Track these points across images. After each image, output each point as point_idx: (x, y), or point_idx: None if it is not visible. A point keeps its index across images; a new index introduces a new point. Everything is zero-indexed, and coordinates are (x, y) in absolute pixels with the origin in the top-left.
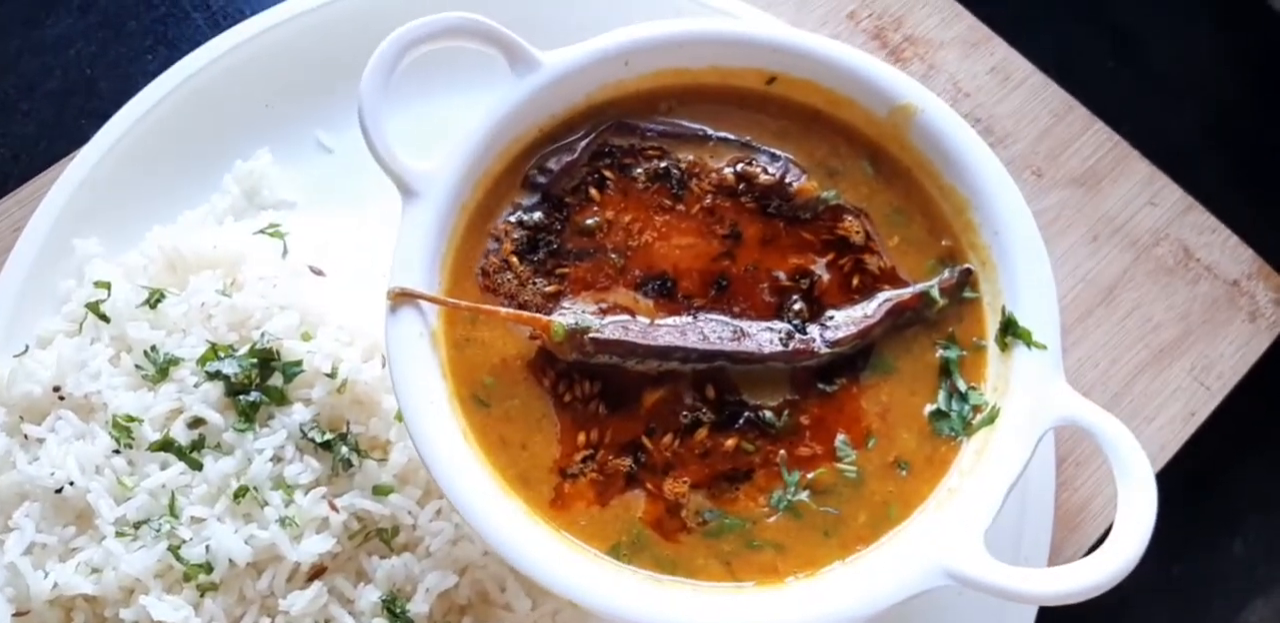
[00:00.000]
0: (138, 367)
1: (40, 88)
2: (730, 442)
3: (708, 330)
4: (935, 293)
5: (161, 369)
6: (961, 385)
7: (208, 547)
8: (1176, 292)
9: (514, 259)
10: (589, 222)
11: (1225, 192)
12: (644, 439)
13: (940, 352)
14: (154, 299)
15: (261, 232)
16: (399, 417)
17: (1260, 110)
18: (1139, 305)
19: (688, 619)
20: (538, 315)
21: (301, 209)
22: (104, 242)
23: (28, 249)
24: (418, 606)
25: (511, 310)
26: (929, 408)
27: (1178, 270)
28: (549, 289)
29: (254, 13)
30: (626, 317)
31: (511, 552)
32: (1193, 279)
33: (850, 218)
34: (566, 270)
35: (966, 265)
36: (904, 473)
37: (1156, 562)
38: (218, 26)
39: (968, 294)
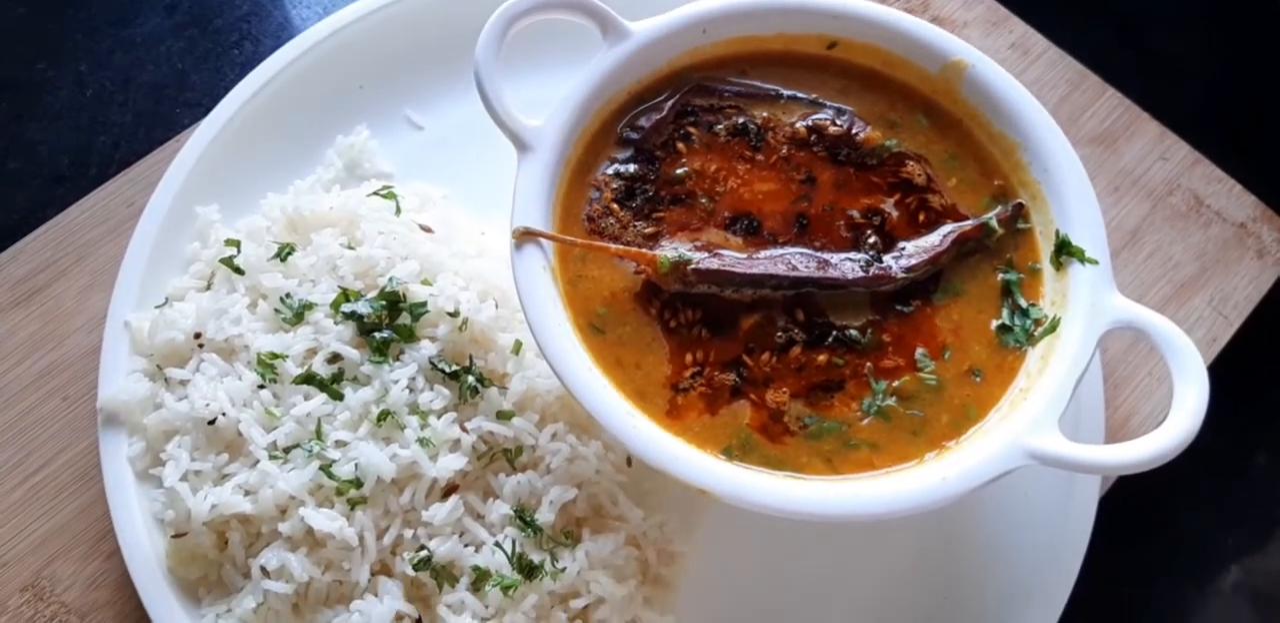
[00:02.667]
0: (275, 311)
1: (135, 81)
2: (822, 357)
3: (795, 261)
4: (994, 223)
5: (297, 314)
6: (1022, 303)
7: (356, 465)
8: (1191, 234)
9: (615, 206)
10: (678, 171)
11: (1227, 150)
12: (744, 357)
13: (1001, 276)
14: (284, 252)
15: (375, 193)
16: (515, 350)
17: (1254, 80)
18: (1159, 247)
19: (800, 502)
20: (644, 250)
21: (398, 180)
22: (221, 210)
23: (153, 217)
24: (544, 516)
25: (621, 246)
26: (995, 323)
27: (1191, 216)
28: (648, 231)
29: (331, 6)
30: (721, 252)
31: (646, 451)
32: (1205, 223)
33: (911, 163)
34: (662, 214)
35: (1019, 200)
36: (978, 379)
37: (1189, 474)
38: (298, 22)
39: (1021, 226)
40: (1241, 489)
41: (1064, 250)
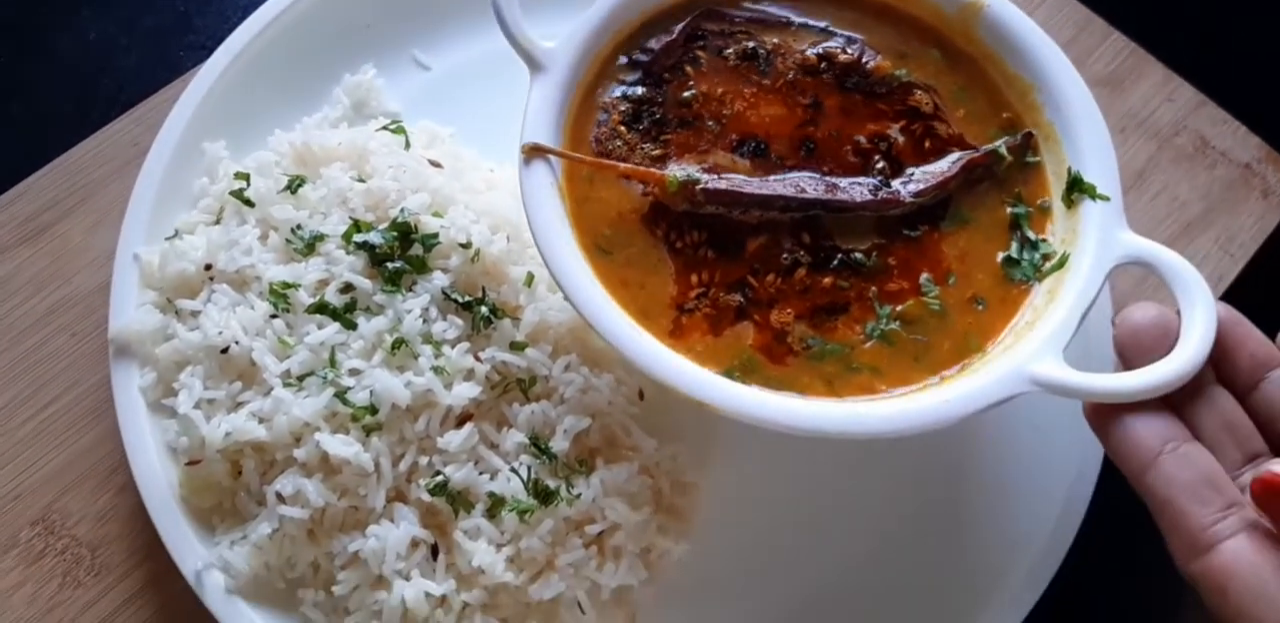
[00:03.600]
0: (287, 241)
1: (138, 25)
2: (827, 280)
3: (804, 184)
4: (1003, 150)
5: (309, 244)
6: (1031, 236)
7: (371, 392)
8: (1197, 175)
9: (622, 128)
10: (686, 94)
11: (1231, 92)
12: (749, 278)
13: (1010, 209)
14: (294, 185)
15: (384, 128)
16: (527, 283)
17: (1258, 21)
18: (1166, 187)
19: (800, 418)
20: (652, 170)
21: (404, 119)
22: (229, 147)
23: (161, 153)
24: (558, 444)
25: (630, 165)
26: (1001, 255)
27: (1197, 157)
28: (655, 153)
29: None
30: (728, 174)
31: (649, 364)
32: (1210, 164)
33: (920, 92)
34: (669, 137)
35: (1028, 130)
36: (981, 308)
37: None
38: None
39: (1030, 159)
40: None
41: (1076, 187)
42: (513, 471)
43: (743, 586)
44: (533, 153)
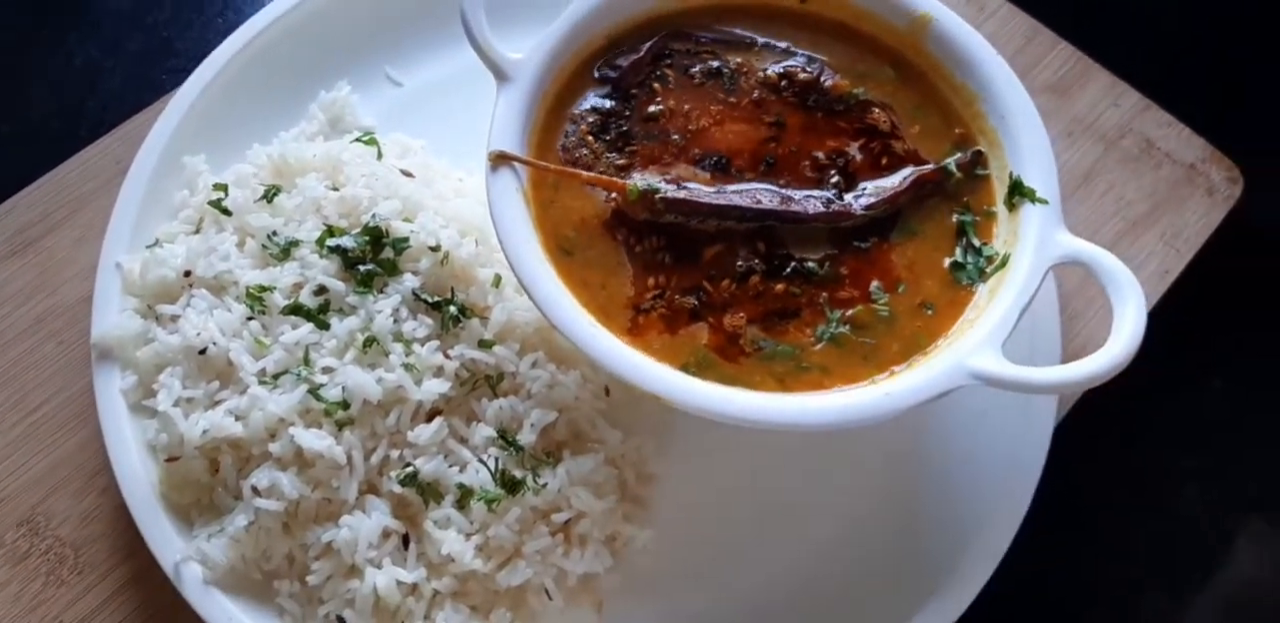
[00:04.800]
0: (263, 247)
1: (122, 50)
2: (780, 286)
3: (760, 195)
4: (953, 167)
5: (284, 250)
6: (976, 242)
7: (344, 388)
8: (1144, 175)
9: (589, 138)
10: (652, 109)
11: (1176, 96)
12: (705, 283)
13: (957, 217)
14: (270, 194)
15: (357, 139)
16: (495, 284)
17: (1200, 30)
18: (1112, 187)
19: (749, 410)
20: (614, 178)
21: (377, 133)
22: (208, 161)
23: (143, 167)
24: (525, 437)
25: (592, 174)
26: (948, 261)
27: (1143, 158)
28: (620, 163)
29: None
30: (689, 185)
31: (605, 358)
32: (1156, 164)
33: (877, 110)
34: (634, 148)
35: (978, 148)
36: (930, 312)
37: (1147, 400)
38: None
39: (979, 172)
40: (1197, 414)
41: (1016, 191)
42: (481, 461)
43: (706, 571)
44: (498, 160)
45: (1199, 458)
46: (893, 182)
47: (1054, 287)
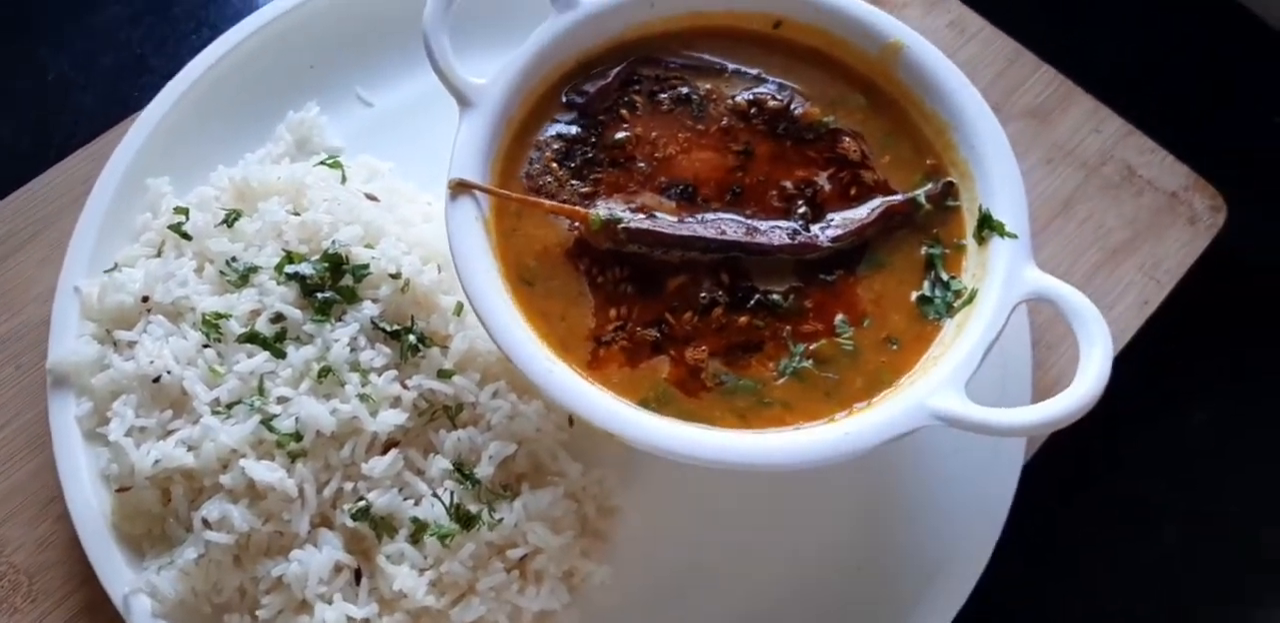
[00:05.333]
0: (221, 273)
1: (95, 65)
2: (743, 319)
3: (725, 226)
4: (922, 198)
5: (242, 276)
6: (944, 276)
7: (297, 419)
8: (1124, 203)
9: (554, 165)
10: (619, 136)
11: (1159, 123)
12: (667, 315)
13: (925, 249)
14: (231, 218)
15: (321, 163)
16: (457, 312)
17: (1183, 56)
18: (1092, 215)
19: (705, 449)
20: (577, 208)
21: (347, 154)
22: (172, 182)
23: (105, 189)
24: (483, 470)
25: (555, 203)
26: (915, 295)
27: (1124, 185)
28: (584, 190)
29: None
30: (654, 214)
31: (560, 394)
32: (1137, 192)
33: (848, 139)
34: (599, 176)
35: (949, 179)
36: (895, 347)
37: (1126, 432)
38: (255, 9)
39: (950, 203)
40: (1178, 448)
41: (985, 224)
42: (435, 496)
43: (666, 608)
44: (459, 188)
45: (1179, 491)
46: (861, 213)
47: (1026, 318)
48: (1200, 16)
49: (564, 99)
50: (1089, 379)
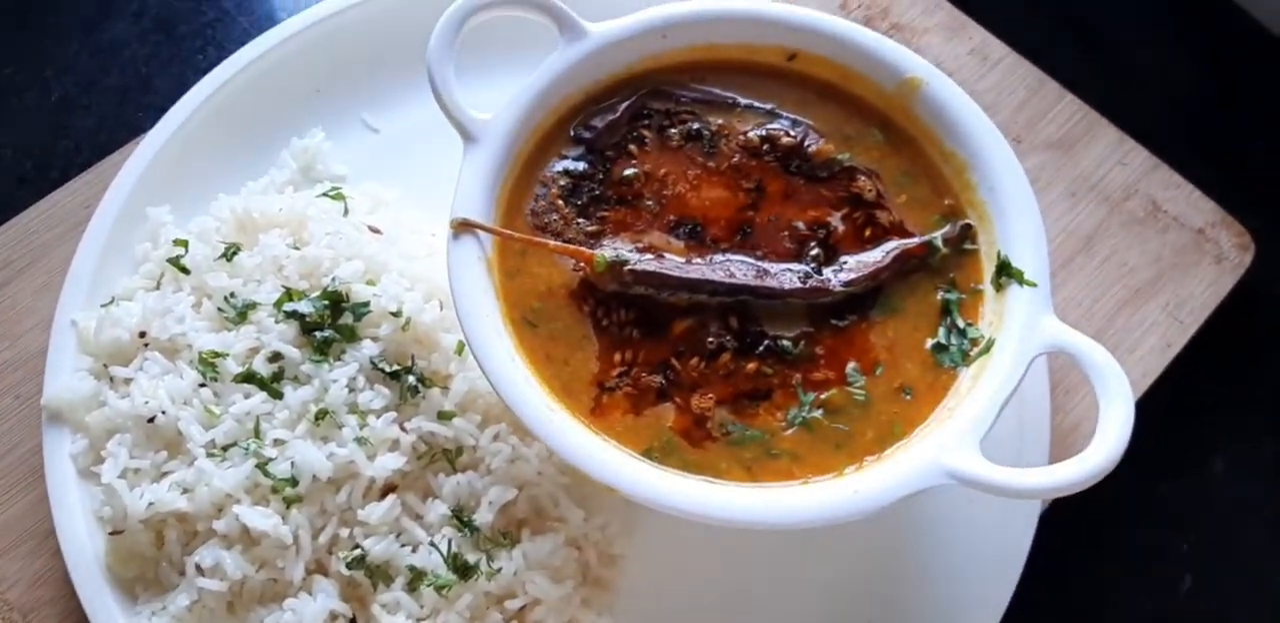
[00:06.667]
0: (219, 310)
1: (99, 85)
2: (751, 365)
3: (734, 268)
4: (939, 242)
5: (241, 313)
6: (960, 323)
7: (293, 463)
8: (1149, 240)
9: (560, 202)
10: (628, 173)
11: (1186, 156)
12: (673, 360)
13: (942, 294)
14: (230, 252)
15: (324, 194)
16: (458, 351)
17: (1212, 87)
18: (1115, 252)
19: (715, 509)
20: (582, 248)
21: (351, 182)
22: (174, 211)
23: (105, 218)
24: (482, 516)
25: (559, 243)
26: (930, 342)
27: (1148, 221)
28: (591, 229)
29: (291, 15)
30: (661, 254)
31: (561, 447)
32: (1162, 229)
33: (863, 177)
34: (606, 214)
35: (967, 221)
36: (908, 397)
37: (1144, 480)
38: (262, 29)
39: (967, 246)
40: (1198, 496)
41: (1004, 272)
42: (432, 544)
43: None
44: (461, 228)
45: (1197, 540)
46: (875, 256)
47: (1044, 362)
48: (1231, 45)
49: (571, 133)
50: (1109, 442)
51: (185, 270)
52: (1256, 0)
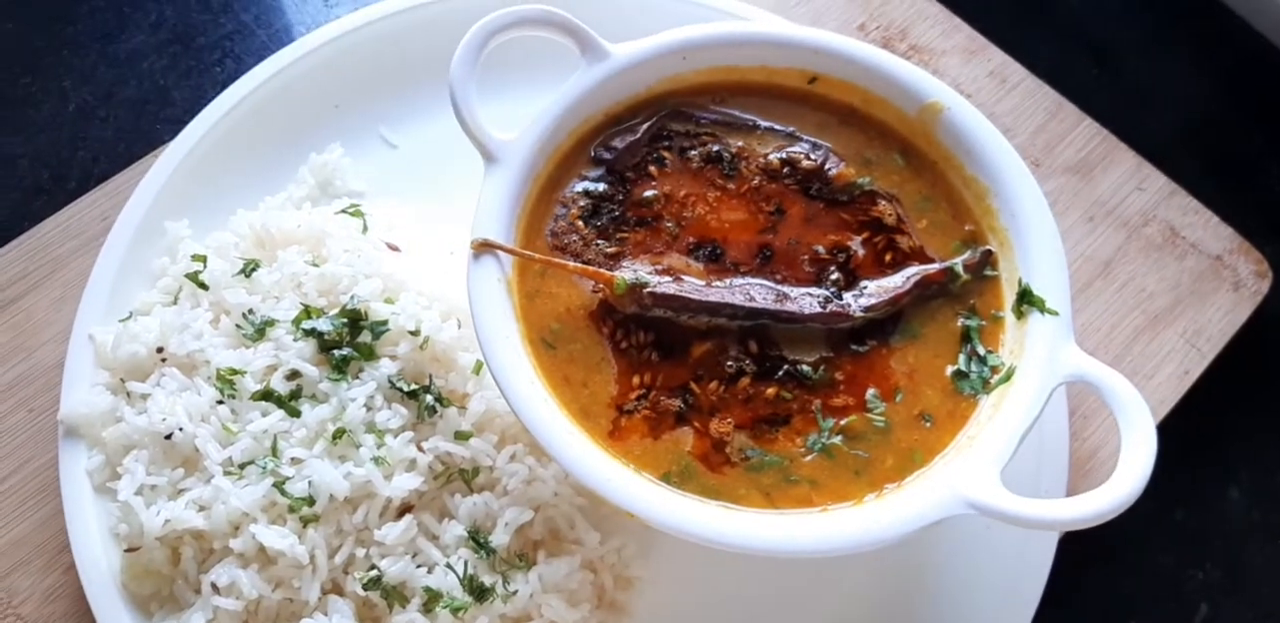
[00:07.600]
0: (237, 326)
1: (117, 96)
2: (770, 390)
3: (754, 292)
4: (959, 268)
5: (259, 330)
6: (981, 350)
7: (310, 482)
8: (1166, 266)
9: (579, 223)
10: (647, 194)
11: (1203, 180)
12: (692, 384)
13: (962, 321)
14: (249, 268)
15: (343, 211)
16: (476, 370)
17: (1230, 110)
18: (1133, 278)
19: (734, 537)
20: (602, 270)
21: (370, 198)
22: (192, 225)
23: (124, 232)
24: (498, 538)
25: (579, 264)
26: (951, 369)
27: (1166, 247)
28: (610, 250)
29: (315, 27)
30: (680, 277)
31: (579, 470)
32: (1180, 255)
33: (884, 202)
34: (626, 235)
35: (987, 247)
36: (928, 424)
37: (1160, 507)
38: (280, 42)
39: (988, 272)
40: (1214, 524)
41: (1025, 299)
42: (449, 566)
43: None
44: (481, 248)
45: (1214, 567)
46: (895, 281)
47: (1063, 390)
48: (1249, 70)
49: (592, 154)
50: (1132, 474)
51: (204, 286)
52: (1275, 24)
